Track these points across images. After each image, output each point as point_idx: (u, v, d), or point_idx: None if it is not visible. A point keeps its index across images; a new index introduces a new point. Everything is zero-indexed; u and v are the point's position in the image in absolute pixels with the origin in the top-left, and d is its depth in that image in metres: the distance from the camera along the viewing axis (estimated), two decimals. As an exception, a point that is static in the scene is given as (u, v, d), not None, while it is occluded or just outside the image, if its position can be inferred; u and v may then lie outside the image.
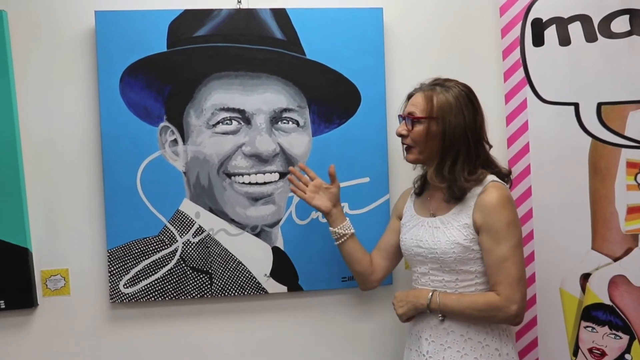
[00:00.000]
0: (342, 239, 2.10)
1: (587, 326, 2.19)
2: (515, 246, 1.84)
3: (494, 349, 1.88)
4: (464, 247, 1.86)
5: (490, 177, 1.91)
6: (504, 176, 1.97)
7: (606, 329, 2.17)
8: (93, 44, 2.16)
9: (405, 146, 1.99)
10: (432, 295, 1.89)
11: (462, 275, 1.89)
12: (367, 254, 2.15)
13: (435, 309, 1.89)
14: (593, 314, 2.18)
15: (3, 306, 2.14)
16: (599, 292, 2.17)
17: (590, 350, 2.19)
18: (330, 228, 2.11)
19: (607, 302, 2.16)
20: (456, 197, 1.89)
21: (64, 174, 2.19)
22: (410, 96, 1.99)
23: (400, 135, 1.97)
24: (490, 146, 1.98)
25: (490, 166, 1.95)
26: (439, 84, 1.94)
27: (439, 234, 1.91)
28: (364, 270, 2.13)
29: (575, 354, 2.21)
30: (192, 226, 2.21)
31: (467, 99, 1.91)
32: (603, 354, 2.17)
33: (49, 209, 2.19)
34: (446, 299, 1.88)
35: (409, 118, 1.93)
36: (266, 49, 2.20)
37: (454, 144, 1.88)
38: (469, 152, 1.89)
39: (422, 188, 2.06)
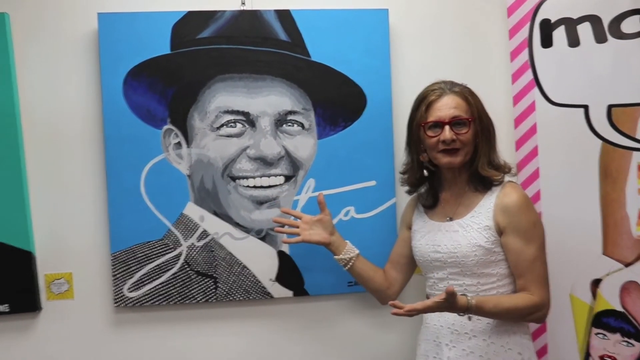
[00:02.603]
0: (350, 263, 2.07)
1: (598, 333, 2.15)
2: (542, 245, 1.86)
3: (517, 352, 1.85)
4: (486, 250, 1.84)
5: (506, 177, 1.94)
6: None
7: (618, 336, 2.12)
8: (96, 46, 2.16)
9: (443, 151, 1.88)
10: (468, 304, 1.75)
11: (483, 279, 1.86)
12: (378, 269, 2.13)
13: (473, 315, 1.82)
14: (604, 320, 2.14)
15: (7, 310, 2.13)
16: (610, 298, 2.13)
17: (602, 358, 2.15)
18: (335, 257, 2.08)
19: (619, 308, 2.12)
20: (490, 185, 1.91)
21: (67, 177, 2.19)
22: (431, 102, 1.89)
23: (451, 140, 1.85)
24: None
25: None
26: (455, 84, 1.92)
27: (458, 237, 1.88)
28: (379, 286, 2.11)
29: (585, 361, 2.18)
30: (197, 230, 2.19)
31: None
32: (614, 361, 2.13)
33: (53, 213, 2.18)
34: (486, 306, 1.77)
35: (459, 121, 1.86)
36: (270, 50, 2.18)
37: (489, 139, 1.91)
38: (495, 143, 1.94)
39: (434, 199, 2.01)
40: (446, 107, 1.87)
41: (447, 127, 1.86)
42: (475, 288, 1.86)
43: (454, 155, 1.88)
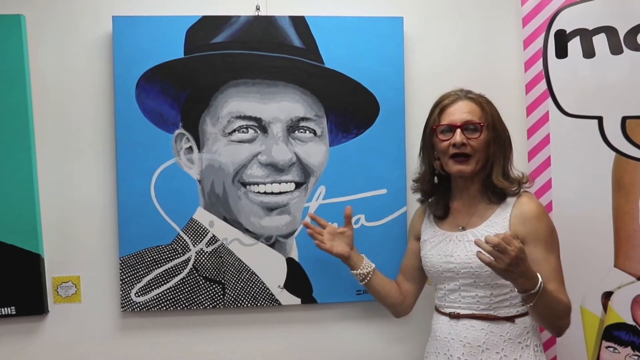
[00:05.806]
0: (368, 278, 2.05)
1: (609, 346, 2.14)
2: (559, 253, 1.85)
3: (534, 346, 1.85)
4: None
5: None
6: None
7: (629, 350, 2.11)
8: (110, 49, 2.16)
9: (454, 157, 1.87)
10: (539, 279, 1.67)
11: (497, 290, 1.83)
12: (393, 283, 2.11)
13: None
14: (615, 334, 2.13)
15: (14, 312, 2.12)
16: (621, 312, 2.11)
17: (612, 371, 2.13)
18: (352, 272, 2.06)
19: (630, 322, 2.10)
20: (504, 196, 1.88)
21: (77, 179, 2.18)
22: (444, 106, 1.89)
23: (461, 144, 1.84)
24: None
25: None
26: (472, 93, 1.91)
27: (473, 247, 1.84)
28: (395, 300, 2.09)
29: (596, 374, 2.16)
30: (206, 235, 2.18)
31: None
32: (625, 375, 2.11)
33: (62, 216, 2.18)
34: (547, 288, 1.72)
35: (471, 125, 1.85)
36: (284, 56, 2.18)
37: (504, 149, 1.89)
38: (510, 155, 1.92)
39: (444, 209, 1.99)
40: (459, 111, 1.87)
41: (458, 131, 1.84)
42: (488, 300, 1.84)
43: (465, 164, 1.86)
